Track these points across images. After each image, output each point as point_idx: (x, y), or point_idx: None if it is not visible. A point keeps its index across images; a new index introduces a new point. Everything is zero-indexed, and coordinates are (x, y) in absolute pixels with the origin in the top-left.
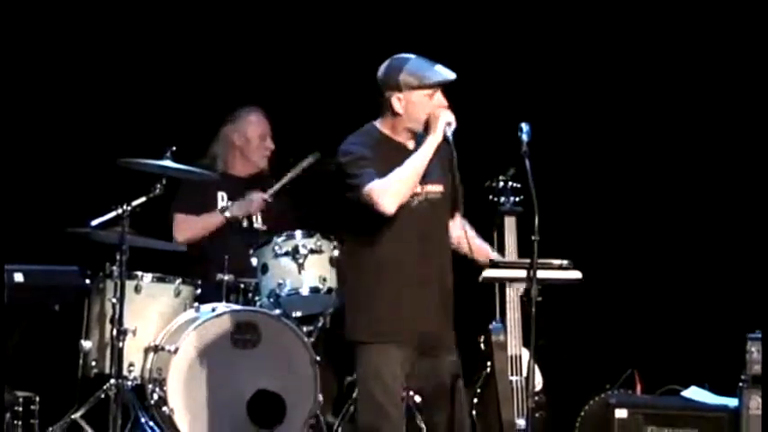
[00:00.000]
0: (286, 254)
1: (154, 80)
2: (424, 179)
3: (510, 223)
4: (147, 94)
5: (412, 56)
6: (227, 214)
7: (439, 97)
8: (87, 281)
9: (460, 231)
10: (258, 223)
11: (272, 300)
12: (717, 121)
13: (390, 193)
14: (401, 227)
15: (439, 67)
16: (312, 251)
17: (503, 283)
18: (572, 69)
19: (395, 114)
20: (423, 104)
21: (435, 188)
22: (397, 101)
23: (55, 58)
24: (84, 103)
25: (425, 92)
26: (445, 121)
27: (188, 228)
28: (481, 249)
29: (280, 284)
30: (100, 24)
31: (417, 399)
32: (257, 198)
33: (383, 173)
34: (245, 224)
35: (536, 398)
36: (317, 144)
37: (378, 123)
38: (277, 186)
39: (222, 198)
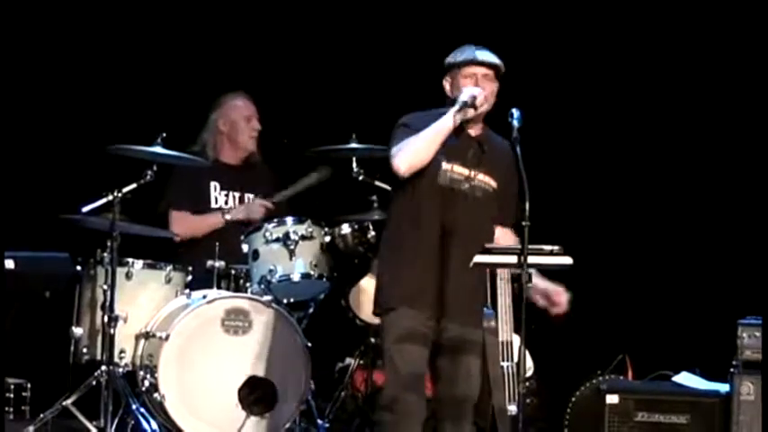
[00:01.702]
0: (277, 240)
1: (145, 67)
2: (480, 167)
3: None
4: (138, 81)
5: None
6: (228, 217)
7: (479, 80)
8: (78, 267)
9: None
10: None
11: (263, 286)
12: (705, 107)
13: (403, 154)
14: (445, 204)
15: (479, 52)
16: (303, 237)
17: (493, 268)
18: (563, 55)
19: (448, 97)
20: (462, 85)
21: (488, 180)
22: (446, 83)
23: (45, 46)
24: (75, 90)
25: (464, 73)
26: (470, 93)
27: (187, 226)
28: None
29: (271, 271)
30: (91, 12)
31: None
32: (259, 204)
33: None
34: None
35: (527, 383)
36: (308, 129)
37: (445, 107)
38: (280, 197)
39: (215, 188)
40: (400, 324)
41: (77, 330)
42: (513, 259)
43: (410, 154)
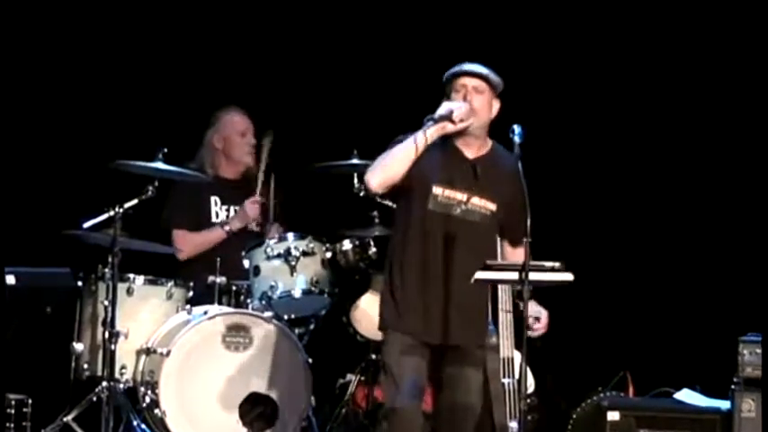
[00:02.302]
0: (278, 256)
1: (146, 82)
2: (473, 191)
3: None
4: (139, 97)
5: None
6: (228, 228)
7: (468, 92)
8: (79, 283)
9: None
10: (253, 225)
11: (264, 302)
12: (707, 123)
13: (375, 169)
14: (434, 229)
15: (468, 65)
16: (304, 253)
17: (495, 284)
18: (564, 72)
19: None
20: (453, 100)
21: (484, 203)
22: (445, 100)
23: (47, 62)
24: (77, 106)
25: (454, 86)
26: (448, 107)
27: (192, 246)
28: None
29: (272, 287)
30: (92, 28)
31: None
32: (250, 204)
33: (427, 166)
34: None
35: (528, 400)
36: (307, 146)
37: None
38: (259, 183)
39: (215, 203)
40: (400, 343)
41: (78, 346)
42: (514, 275)
43: (380, 170)
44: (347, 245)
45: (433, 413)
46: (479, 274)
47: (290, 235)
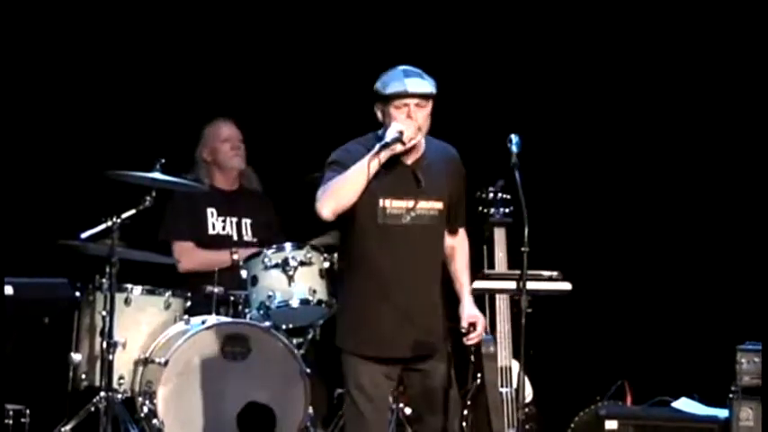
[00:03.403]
0: (276, 266)
1: (144, 92)
2: (418, 196)
3: (500, 234)
4: (136, 107)
5: (401, 66)
6: (236, 257)
7: (411, 111)
8: (77, 293)
9: (451, 251)
10: (248, 236)
11: (261, 312)
12: (702, 133)
13: (326, 197)
14: (389, 242)
15: (409, 81)
16: (302, 263)
17: (492, 294)
18: (561, 81)
19: (381, 124)
20: (393, 117)
21: (431, 205)
22: (378, 111)
23: (44, 71)
24: (74, 116)
25: (395, 104)
26: (397, 129)
27: (196, 261)
28: (457, 279)
29: (269, 296)
30: (89, 38)
31: (407, 411)
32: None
33: (371, 181)
34: (234, 237)
35: (526, 409)
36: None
37: (380, 131)
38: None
39: (212, 214)
40: (357, 364)
41: (76, 356)
42: (511, 285)
43: (332, 198)
44: None
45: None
46: (477, 284)
47: (288, 245)
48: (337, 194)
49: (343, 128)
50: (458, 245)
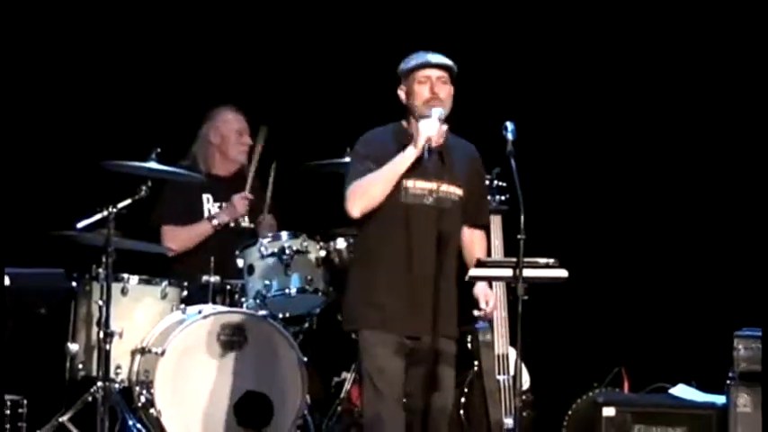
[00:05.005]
0: (272, 255)
1: (138, 82)
2: (442, 178)
3: (496, 222)
4: (131, 96)
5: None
6: (215, 222)
7: (433, 83)
8: (73, 283)
9: (470, 245)
10: (245, 222)
11: (258, 301)
12: (700, 117)
13: (357, 197)
14: (410, 221)
15: (431, 55)
16: (298, 252)
17: (489, 281)
18: (557, 67)
19: (404, 107)
20: (417, 93)
21: (453, 189)
22: (401, 92)
23: (39, 62)
24: (69, 106)
25: (418, 78)
26: (426, 136)
27: (178, 240)
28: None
29: (266, 285)
30: (84, 27)
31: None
32: (239, 199)
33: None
34: (231, 224)
35: (523, 397)
36: (299, 144)
37: (403, 121)
38: (250, 179)
39: (208, 200)
40: (377, 345)
41: (73, 346)
42: (508, 272)
43: (364, 198)
44: (341, 243)
45: (408, 413)
46: (473, 272)
47: (284, 234)
48: (367, 195)
49: (340, 117)
50: (477, 240)
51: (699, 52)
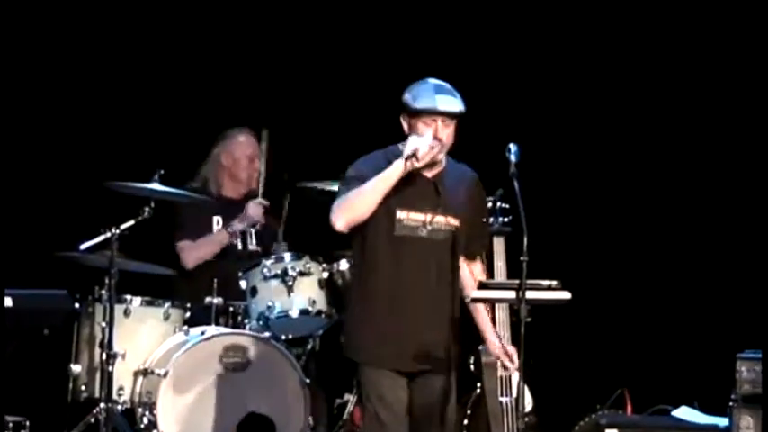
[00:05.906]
0: (275, 276)
1: (143, 104)
2: (436, 210)
3: (499, 244)
4: (135, 118)
5: (431, 80)
6: (230, 230)
7: (438, 128)
8: (76, 304)
9: (469, 280)
10: (252, 245)
11: (261, 322)
12: (703, 150)
13: (341, 210)
14: (404, 254)
15: (440, 98)
16: (301, 273)
17: (492, 303)
18: (561, 89)
19: (405, 135)
20: (420, 132)
21: (448, 220)
22: (404, 122)
23: (43, 82)
24: (73, 127)
25: (424, 120)
26: (413, 147)
27: (196, 252)
28: (477, 310)
29: (269, 307)
30: (88, 48)
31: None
32: (254, 206)
33: (389, 191)
34: (239, 246)
35: (526, 418)
36: (304, 164)
37: (401, 144)
38: (261, 185)
39: (218, 222)
40: (377, 376)
41: (76, 367)
42: (511, 294)
43: (347, 211)
44: (344, 265)
45: None
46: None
47: (287, 255)
48: (352, 208)
49: (341, 137)
50: (476, 275)
51: (696, 76)
